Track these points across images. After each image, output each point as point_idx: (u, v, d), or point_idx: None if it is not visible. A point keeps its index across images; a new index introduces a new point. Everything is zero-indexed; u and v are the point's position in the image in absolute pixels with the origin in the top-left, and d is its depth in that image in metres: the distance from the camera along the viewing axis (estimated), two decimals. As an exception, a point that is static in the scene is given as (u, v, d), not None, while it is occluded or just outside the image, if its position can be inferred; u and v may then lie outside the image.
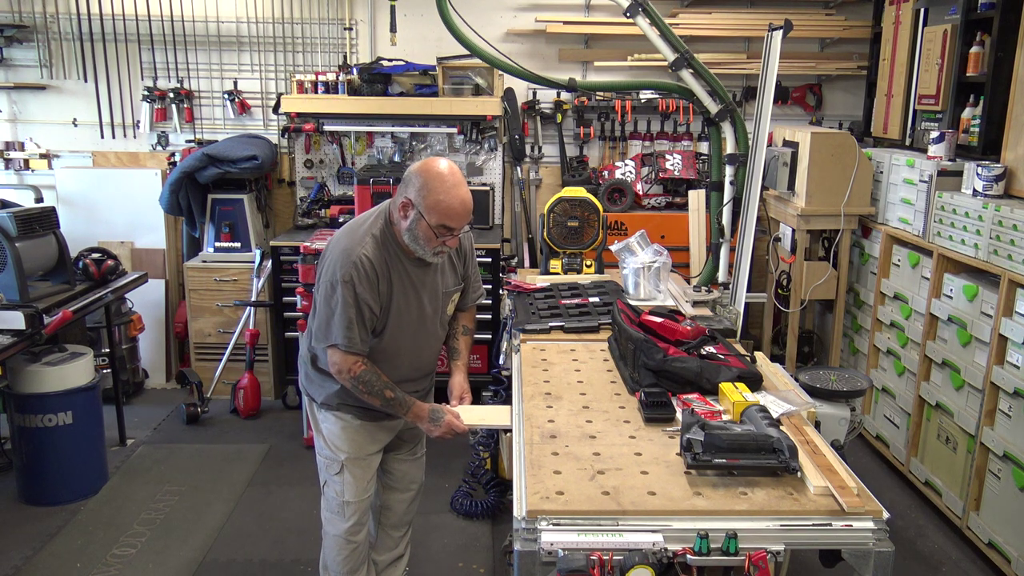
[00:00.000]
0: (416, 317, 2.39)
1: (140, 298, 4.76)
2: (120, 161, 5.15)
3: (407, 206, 2.25)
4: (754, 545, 1.60)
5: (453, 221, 2.24)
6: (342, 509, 2.53)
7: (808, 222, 4.18)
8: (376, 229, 2.31)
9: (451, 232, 2.26)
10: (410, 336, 2.41)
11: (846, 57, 4.99)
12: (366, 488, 2.55)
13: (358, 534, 2.58)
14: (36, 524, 3.47)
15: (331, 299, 2.25)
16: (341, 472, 2.50)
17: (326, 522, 2.61)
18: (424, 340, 2.47)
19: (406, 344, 2.41)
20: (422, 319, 2.41)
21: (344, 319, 2.23)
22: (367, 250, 2.25)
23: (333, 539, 2.59)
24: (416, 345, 2.45)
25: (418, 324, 2.41)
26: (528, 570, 1.59)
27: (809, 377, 2.59)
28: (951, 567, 3.26)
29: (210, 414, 4.60)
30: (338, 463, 2.50)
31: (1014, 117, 3.31)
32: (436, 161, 2.26)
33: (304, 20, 4.98)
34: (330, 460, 2.52)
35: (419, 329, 2.42)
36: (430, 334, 2.48)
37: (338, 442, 2.49)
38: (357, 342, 2.26)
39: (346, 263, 2.23)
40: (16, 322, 3.24)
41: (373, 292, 2.25)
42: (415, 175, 2.25)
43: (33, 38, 4.94)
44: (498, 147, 4.99)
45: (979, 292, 3.26)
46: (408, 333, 2.40)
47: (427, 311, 2.42)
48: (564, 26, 4.90)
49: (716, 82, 3.26)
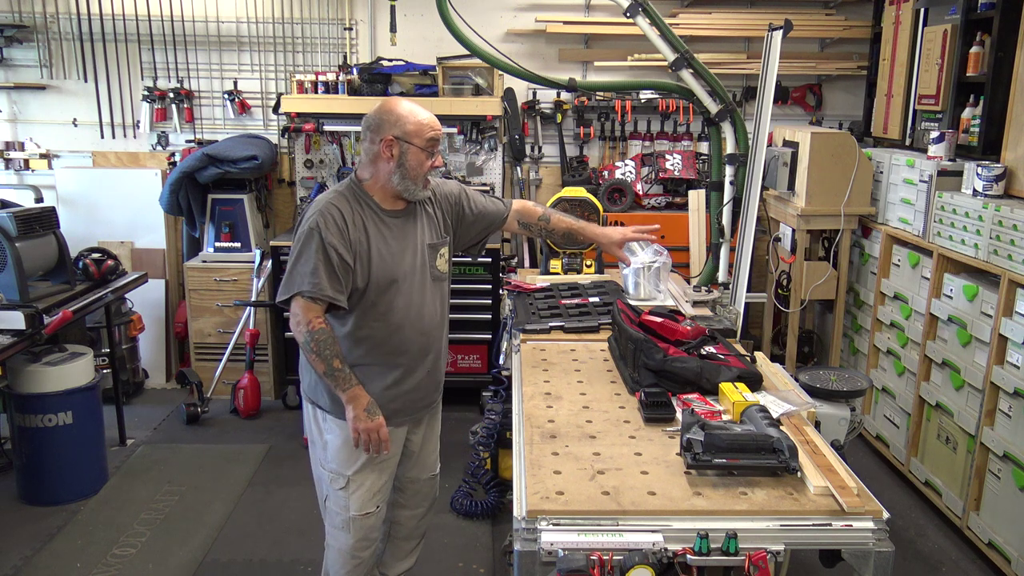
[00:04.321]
0: (406, 271, 2.30)
1: (140, 298, 4.76)
2: (120, 161, 5.15)
3: (390, 144, 2.23)
4: (754, 545, 1.60)
5: (437, 132, 2.29)
6: (347, 525, 2.40)
7: (808, 222, 4.18)
8: (343, 188, 2.31)
9: (437, 143, 2.30)
10: (405, 293, 2.30)
11: (846, 57, 4.99)
12: (374, 501, 2.41)
13: (365, 550, 2.46)
14: (36, 524, 3.47)
15: (297, 250, 2.20)
16: (347, 487, 2.37)
17: (329, 535, 2.48)
18: (421, 297, 2.35)
19: (401, 302, 2.30)
20: (412, 272, 2.32)
21: (310, 265, 2.15)
22: (335, 201, 2.24)
23: (337, 553, 2.46)
24: (412, 303, 2.32)
25: (409, 278, 2.31)
26: (528, 570, 1.59)
27: (809, 377, 2.59)
28: (951, 567, 3.26)
29: (210, 414, 4.60)
30: (343, 477, 2.36)
31: (1014, 117, 3.31)
32: (389, 99, 2.31)
33: (304, 20, 4.98)
34: (335, 474, 2.38)
35: (412, 284, 2.32)
36: (426, 290, 2.36)
37: (344, 454, 2.35)
38: (324, 287, 2.15)
39: (313, 215, 2.21)
40: (16, 322, 3.24)
41: (343, 239, 2.18)
42: (380, 117, 2.26)
43: (33, 38, 4.94)
44: (498, 147, 4.99)
45: (979, 292, 3.26)
46: (402, 290, 2.30)
47: (414, 263, 2.33)
48: (564, 26, 4.90)
49: (716, 82, 3.26)
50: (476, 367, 4.66)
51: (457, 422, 4.15)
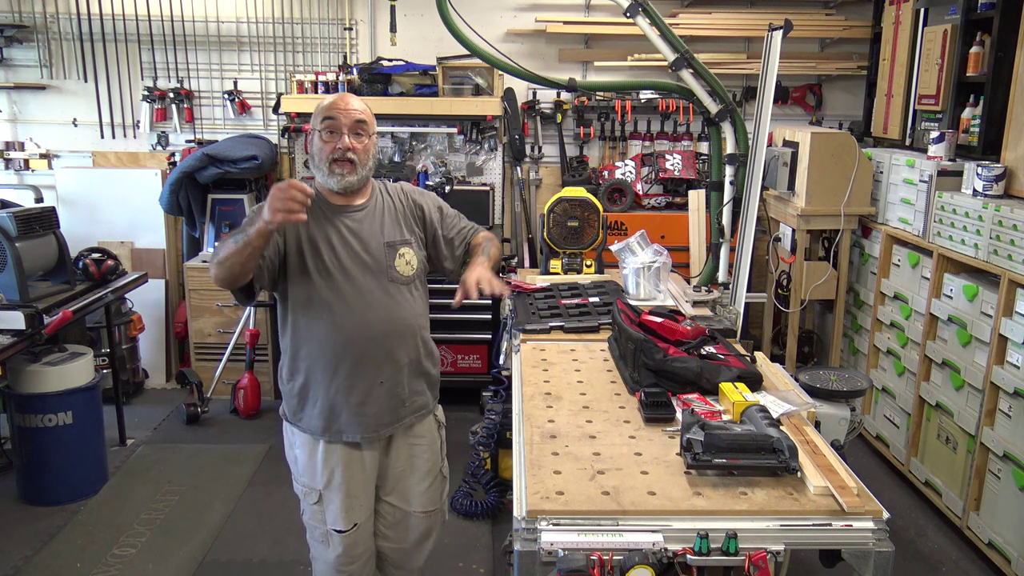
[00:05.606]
0: (347, 266, 2.18)
1: (140, 298, 4.76)
2: (120, 161, 5.15)
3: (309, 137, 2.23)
4: (754, 545, 1.60)
5: (330, 110, 2.17)
6: (326, 538, 2.31)
7: (808, 222, 4.18)
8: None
9: (334, 123, 2.15)
10: (348, 292, 2.18)
11: (846, 57, 4.99)
12: (349, 519, 2.28)
13: (350, 564, 2.33)
14: (36, 524, 3.47)
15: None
16: (319, 502, 2.29)
17: (313, 549, 2.38)
18: (370, 299, 2.20)
19: (342, 302, 2.18)
20: (357, 269, 2.20)
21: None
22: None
23: (324, 566, 2.35)
24: (357, 303, 2.19)
25: (354, 275, 2.19)
26: (528, 570, 1.59)
27: (809, 377, 2.59)
28: (951, 567, 3.26)
29: (210, 414, 4.60)
30: (315, 492, 2.28)
31: (1014, 117, 3.31)
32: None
33: (304, 20, 4.98)
34: (307, 488, 2.30)
35: (357, 283, 2.19)
36: (380, 292, 2.22)
37: (313, 468, 2.27)
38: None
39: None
40: (16, 322, 3.24)
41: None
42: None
43: (33, 38, 4.94)
44: (498, 147, 4.99)
45: (979, 292, 3.26)
46: (342, 287, 2.18)
47: (363, 261, 2.21)
48: (564, 26, 4.90)
49: (716, 82, 3.26)
50: (476, 367, 4.67)
51: (457, 422, 4.13)
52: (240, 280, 2.10)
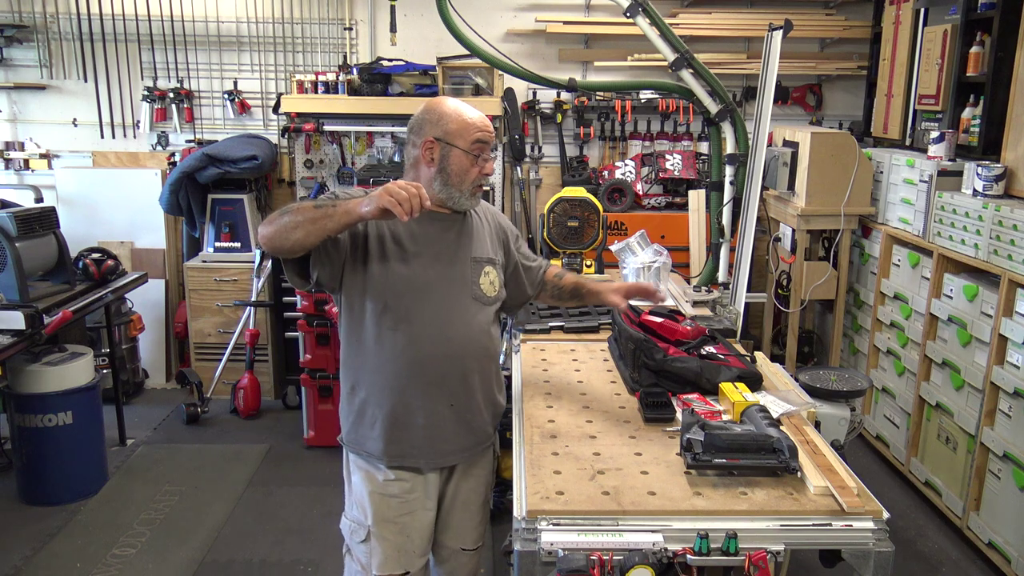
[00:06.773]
0: (432, 278, 2.03)
1: (140, 298, 4.76)
2: (120, 161, 5.15)
3: (431, 147, 2.03)
4: (754, 545, 1.60)
5: (485, 132, 2.04)
6: None
7: (808, 222, 4.18)
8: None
9: (486, 146, 2.04)
10: (431, 303, 2.02)
11: (846, 57, 4.99)
12: (400, 563, 2.08)
13: None
14: (36, 524, 3.47)
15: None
16: (367, 540, 2.09)
17: None
18: (451, 314, 2.04)
19: (425, 312, 2.01)
20: (443, 282, 2.04)
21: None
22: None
23: None
24: (438, 317, 2.02)
25: (438, 287, 2.03)
26: (528, 570, 1.59)
27: (809, 377, 2.59)
28: (951, 567, 3.26)
29: (210, 414, 4.60)
30: (364, 529, 2.09)
31: (1014, 117, 3.31)
32: (435, 98, 2.13)
33: (304, 20, 4.98)
34: (356, 524, 2.11)
35: (441, 296, 2.04)
36: (461, 308, 2.06)
37: (365, 502, 2.08)
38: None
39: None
40: (16, 322, 3.23)
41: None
42: (422, 116, 2.07)
43: (33, 38, 4.94)
44: (498, 147, 4.99)
45: (979, 292, 3.26)
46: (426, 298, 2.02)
47: (450, 274, 2.06)
48: (564, 26, 4.90)
49: (716, 82, 3.26)
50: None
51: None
52: (284, 248, 1.87)
